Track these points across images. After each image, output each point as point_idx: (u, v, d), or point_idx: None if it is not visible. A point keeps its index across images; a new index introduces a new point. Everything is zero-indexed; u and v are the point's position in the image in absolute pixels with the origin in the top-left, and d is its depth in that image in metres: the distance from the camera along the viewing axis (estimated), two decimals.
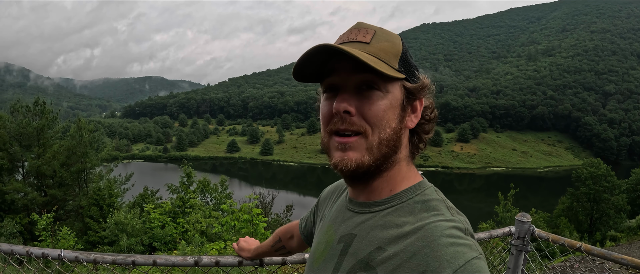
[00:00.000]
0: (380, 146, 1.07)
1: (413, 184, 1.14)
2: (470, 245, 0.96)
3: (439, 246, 0.93)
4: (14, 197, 29.97)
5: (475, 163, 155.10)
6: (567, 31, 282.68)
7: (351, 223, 1.16)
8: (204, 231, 19.52)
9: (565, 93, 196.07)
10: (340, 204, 1.28)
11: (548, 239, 2.51)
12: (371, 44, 1.07)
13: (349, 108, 1.05)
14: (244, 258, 2.17)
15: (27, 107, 32.05)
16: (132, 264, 2.20)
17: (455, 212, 1.07)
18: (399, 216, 1.07)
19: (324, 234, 1.26)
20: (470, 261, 0.91)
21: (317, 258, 1.23)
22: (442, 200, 1.10)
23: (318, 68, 1.09)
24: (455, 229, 0.98)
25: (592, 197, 42.03)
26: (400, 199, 1.10)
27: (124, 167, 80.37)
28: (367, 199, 1.16)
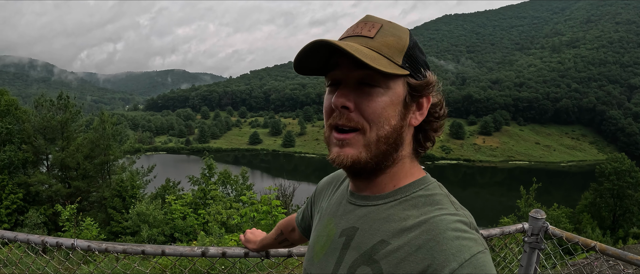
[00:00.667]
0: (379, 143, 1.06)
1: (416, 179, 1.12)
2: (476, 239, 0.95)
3: (444, 240, 0.93)
4: (38, 189, 30.52)
5: (498, 156, 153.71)
6: (591, 22, 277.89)
7: (353, 216, 1.14)
8: (225, 222, 19.67)
9: (589, 86, 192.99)
10: (340, 197, 1.26)
11: (562, 237, 2.48)
12: (375, 38, 1.05)
13: (347, 103, 1.05)
14: (250, 249, 2.19)
15: (51, 101, 32.53)
16: (142, 254, 2.23)
17: (459, 206, 1.07)
18: (403, 209, 1.06)
19: (323, 227, 1.25)
20: (476, 255, 0.91)
21: (317, 252, 1.22)
22: (445, 195, 1.09)
23: (323, 61, 1.09)
24: (460, 223, 0.98)
25: (616, 193, 41.40)
26: (403, 193, 1.09)
27: (147, 159, 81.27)
28: (370, 193, 1.14)
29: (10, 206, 28.98)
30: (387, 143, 1.07)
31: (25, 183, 30.33)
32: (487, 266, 0.91)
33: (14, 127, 31.75)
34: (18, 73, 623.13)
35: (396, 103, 1.06)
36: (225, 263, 6.76)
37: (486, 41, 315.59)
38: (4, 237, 2.43)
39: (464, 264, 0.89)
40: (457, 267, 0.88)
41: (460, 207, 1.07)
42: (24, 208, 29.60)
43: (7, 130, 30.92)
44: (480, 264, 0.90)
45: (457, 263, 0.89)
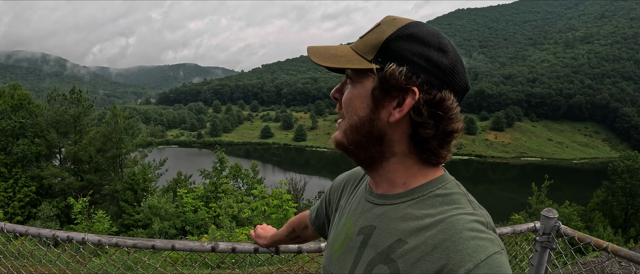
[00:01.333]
0: (351, 131, 1.11)
1: (433, 178, 1.11)
2: (492, 240, 0.94)
3: (460, 240, 0.92)
4: (51, 182, 30.80)
5: (510, 152, 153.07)
6: (605, 18, 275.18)
7: (371, 214, 1.15)
8: (236, 215, 19.75)
9: (603, 83, 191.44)
10: (360, 195, 1.26)
11: (574, 237, 2.45)
12: (363, 37, 1.10)
13: (335, 94, 1.17)
14: (260, 245, 2.18)
15: (63, 95, 32.77)
16: (152, 249, 2.24)
17: (476, 206, 1.06)
18: (420, 208, 1.05)
19: (342, 225, 1.25)
20: (492, 255, 0.90)
21: (335, 250, 1.22)
22: (463, 194, 1.08)
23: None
24: (477, 223, 0.97)
25: (628, 191, 41.05)
26: (421, 192, 1.08)
27: (159, 152, 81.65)
28: (384, 191, 1.15)
29: (24, 199, 29.31)
30: (359, 133, 1.10)
31: (38, 176, 30.63)
32: (504, 267, 0.91)
33: (27, 120, 32.04)
34: (31, 68, 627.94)
35: (364, 96, 1.07)
36: (235, 258, 6.79)
37: (499, 36, 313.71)
38: (15, 231, 2.45)
39: (479, 264, 0.88)
40: (472, 267, 0.88)
41: (478, 206, 1.06)
42: (36, 200, 29.91)
43: (21, 124, 31.20)
44: (496, 265, 0.89)
45: (473, 264, 0.88)
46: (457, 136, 1.10)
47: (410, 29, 1.05)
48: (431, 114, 1.04)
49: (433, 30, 1.07)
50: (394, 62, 1.03)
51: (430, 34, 1.05)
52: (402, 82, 1.02)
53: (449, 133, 1.07)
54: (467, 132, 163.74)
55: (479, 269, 0.88)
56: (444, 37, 1.07)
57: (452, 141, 1.09)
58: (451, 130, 1.07)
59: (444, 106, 1.04)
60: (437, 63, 1.03)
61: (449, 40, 1.08)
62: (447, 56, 1.04)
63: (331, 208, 1.49)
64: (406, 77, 1.02)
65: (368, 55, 1.07)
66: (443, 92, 1.04)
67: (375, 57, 1.06)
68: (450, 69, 1.04)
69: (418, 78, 1.02)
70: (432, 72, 1.03)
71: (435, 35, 1.06)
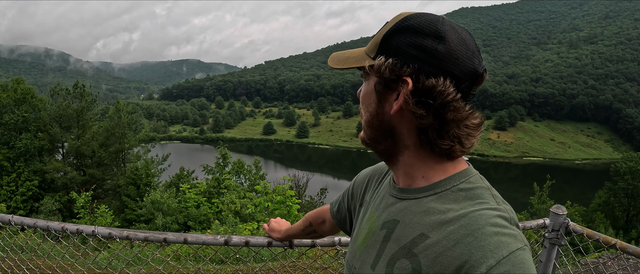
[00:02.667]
0: (368, 126, 1.15)
1: (457, 172, 1.10)
2: (515, 235, 0.93)
3: (482, 235, 0.91)
4: (54, 176, 30.87)
5: (512, 152, 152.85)
6: (610, 18, 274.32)
7: (394, 209, 1.15)
8: (238, 211, 19.78)
9: (606, 83, 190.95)
10: (384, 189, 1.27)
11: (583, 234, 2.46)
12: (374, 36, 1.13)
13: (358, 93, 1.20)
14: (274, 238, 2.19)
15: (67, 90, 32.83)
16: (164, 242, 2.24)
17: (500, 200, 1.05)
18: (443, 203, 1.05)
19: (366, 220, 1.26)
20: (515, 252, 0.89)
21: (359, 245, 1.23)
22: (487, 188, 1.08)
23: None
24: (500, 219, 0.96)
25: (630, 193, 41.07)
26: (444, 186, 1.08)
27: (161, 148, 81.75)
28: (406, 185, 1.15)
29: (26, 193, 29.40)
30: (371, 128, 1.14)
31: (41, 171, 30.70)
32: (526, 264, 0.90)
33: (30, 115, 32.10)
34: (34, 62, 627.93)
35: (370, 92, 1.12)
36: (241, 252, 6.80)
37: (502, 35, 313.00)
38: (23, 224, 2.46)
39: (501, 261, 0.87)
40: (494, 264, 0.87)
41: (502, 201, 1.05)
42: (39, 195, 30.00)
43: (24, 118, 31.28)
44: (518, 261, 0.88)
45: (495, 260, 0.87)
46: (465, 125, 1.06)
47: (408, 21, 1.05)
48: (420, 102, 1.02)
49: (433, 18, 1.05)
50: (389, 56, 1.04)
51: (428, 22, 1.03)
52: (389, 73, 1.03)
53: (447, 122, 1.03)
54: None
55: (501, 266, 0.87)
56: (444, 24, 1.03)
57: (455, 130, 1.05)
58: (450, 118, 1.03)
59: (433, 93, 1.01)
60: (431, 51, 1.00)
61: (456, 26, 1.05)
62: (444, 42, 1.01)
63: (354, 203, 1.49)
64: (393, 68, 1.03)
65: (371, 53, 1.10)
66: (433, 78, 1.00)
67: (377, 53, 1.08)
68: (446, 55, 1.00)
69: (408, 68, 1.01)
70: (425, 60, 1.01)
71: (433, 22, 1.03)
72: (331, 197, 29.24)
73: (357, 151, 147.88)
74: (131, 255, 4.83)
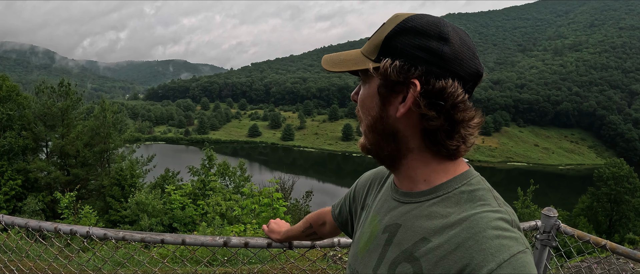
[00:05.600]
0: (368, 131, 1.13)
1: (458, 174, 1.10)
2: (517, 239, 0.93)
3: (484, 239, 0.91)
4: (37, 176, 30.54)
5: (496, 157, 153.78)
6: (595, 26, 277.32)
7: (396, 212, 1.14)
8: (224, 213, 19.70)
9: (590, 90, 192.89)
10: (386, 193, 1.26)
11: (573, 236, 2.50)
12: (370, 39, 1.12)
13: (353, 97, 1.19)
14: (274, 240, 2.18)
15: (52, 87, 32.50)
16: (161, 243, 2.22)
17: (502, 203, 1.05)
18: (445, 206, 1.04)
19: (368, 224, 1.25)
20: (516, 255, 0.88)
21: (361, 249, 1.22)
22: (488, 190, 1.07)
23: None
24: (502, 221, 0.95)
25: (613, 198, 41.55)
26: (446, 189, 1.07)
27: (146, 149, 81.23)
28: (408, 189, 1.14)
29: (9, 193, 29.02)
30: (375, 132, 1.12)
31: (24, 170, 30.35)
32: (528, 267, 0.89)
33: (15, 113, 31.73)
34: (19, 59, 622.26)
35: (372, 95, 1.09)
36: (227, 253, 6.78)
37: (488, 41, 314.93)
38: (14, 223, 2.43)
39: (503, 264, 0.86)
40: (495, 267, 0.86)
41: (503, 203, 1.05)
42: (22, 194, 29.64)
43: (8, 116, 30.93)
44: (520, 264, 0.88)
45: (496, 263, 0.87)
46: (469, 125, 1.08)
47: (410, 22, 1.05)
48: (431, 104, 1.02)
49: (434, 19, 1.05)
50: (394, 58, 1.03)
51: (430, 24, 1.04)
52: (396, 75, 1.02)
53: (457, 123, 1.05)
54: None
55: (502, 269, 0.86)
56: (446, 26, 1.04)
57: (461, 131, 1.07)
58: (459, 119, 1.05)
59: (444, 94, 1.01)
60: (438, 53, 1.01)
61: (455, 27, 1.06)
62: (448, 44, 1.02)
63: (355, 206, 1.48)
64: (401, 70, 1.02)
65: (371, 55, 1.08)
66: (443, 80, 1.01)
67: (378, 55, 1.07)
68: (452, 57, 1.02)
69: (416, 70, 1.01)
70: (432, 61, 1.01)
71: (435, 24, 1.04)
72: (316, 200, 29.28)
73: (342, 155, 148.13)
74: (121, 255, 4.81)
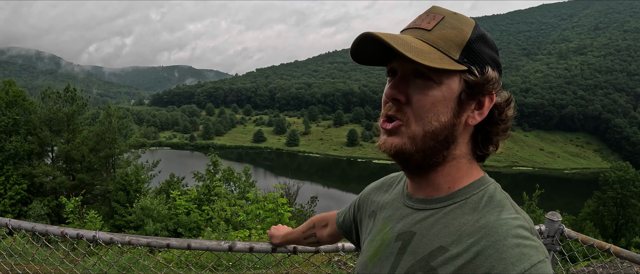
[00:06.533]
0: (425, 138, 1.03)
1: (475, 180, 1.08)
2: (537, 247, 0.90)
3: (504, 247, 0.88)
4: (42, 180, 30.59)
5: (501, 161, 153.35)
6: (599, 29, 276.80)
7: (410, 220, 1.11)
8: (229, 219, 19.72)
9: (595, 94, 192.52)
10: (396, 200, 1.23)
11: (577, 240, 2.50)
12: (433, 30, 1.02)
13: (399, 96, 1.03)
14: (273, 244, 2.18)
15: (57, 93, 32.61)
16: (167, 247, 2.23)
17: (519, 209, 1.02)
18: (463, 213, 1.01)
19: (378, 231, 1.21)
20: (536, 265, 0.86)
21: (371, 257, 1.17)
22: (506, 196, 1.05)
23: (382, 53, 1.07)
24: (522, 229, 0.93)
25: (619, 202, 41.36)
26: (463, 195, 1.05)
27: (151, 154, 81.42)
28: (426, 195, 1.11)
29: (15, 197, 29.08)
30: (435, 140, 1.03)
31: (29, 174, 30.43)
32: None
33: (21, 117, 31.83)
34: (25, 64, 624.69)
35: (449, 100, 1.01)
36: (232, 258, 6.78)
37: None
38: (21, 228, 2.44)
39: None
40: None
41: (520, 210, 1.02)
42: (27, 199, 29.71)
43: (14, 120, 31.00)
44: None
45: (517, 273, 0.84)
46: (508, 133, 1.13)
47: (480, 29, 1.04)
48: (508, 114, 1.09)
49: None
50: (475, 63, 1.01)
51: (490, 37, 1.05)
52: (495, 86, 1.03)
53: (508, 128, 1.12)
54: None
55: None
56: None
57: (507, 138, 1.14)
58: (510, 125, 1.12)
59: (511, 105, 1.10)
60: (499, 65, 1.06)
61: None
62: (499, 57, 1.07)
63: (361, 214, 1.45)
64: (497, 81, 1.03)
65: (454, 54, 1.00)
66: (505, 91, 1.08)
67: (461, 56, 1.00)
68: (501, 69, 1.07)
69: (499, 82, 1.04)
70: (499, 73, 1.05)
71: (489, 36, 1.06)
72: (321, 205, 29.24)
73: (347, 160, 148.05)
74: (126, 260, 4.82)
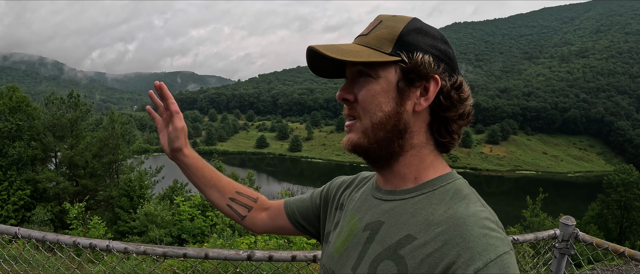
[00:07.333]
0: (374, 129, 1.08)
1: (443, 173, 1.10)
2: (502, 239, 0.93)
3: (471, 237, 0.90)
4: (46, 186, 30.66)
5: (505, 165, 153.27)
6: (601, 32, 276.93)
7: (378, 210, 1.12)
8: (233, 225, 19.67)
9: (598, 97, 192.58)
10: (365, 192, 1.24)
11: (592, 243, 2.49)
12: (369, 34, 1.09)
13: (346, 96, 1.11)
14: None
15: (61, 99, 32.70)
16: (183, 257, 2.18)
17: (484, 203, 1.05)
18: (430, 203, 1.03)
19: (346, 223, 1.22)
20: (502, 255, 0.88)
21: (338, 248, 1.19)
22: (473, 191, 1.08)
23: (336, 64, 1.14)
24: (488, 221, 0.95)
25: (623, 205, 41.23)
26: (430, 187, 1.07)
27: (154, 160, 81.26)
28: (394, 186, 1.13)
29: (18, 203, 29.15)
30: (384, 129, 1.08)
31: (33, 180, 30.49)
32: (512, 268, 0.89)
33: (24, 123, 31.89)
34: (28, 70, 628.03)
35: (388, 90, 1.06)
36: (229, 266, 6.75)
37: (495, 49, 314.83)
38: (31, 237, 2.41)
39: (489, 264, 0.86)
40: (482, 266, 0.86)
41: (486, 204, 1.05)
42: (31, 204, 29.76)
43: (18, 126, 31.07)
44: (505, 265, 0.88)
45: (483, 263, 0.86)
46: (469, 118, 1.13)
47: (417, 23, 1.09)
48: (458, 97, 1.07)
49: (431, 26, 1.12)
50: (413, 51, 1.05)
51: (432, 28, 1.10)
52: (429, 69, 1.04)
53: (467, 114, 1.11)
54: (462, 144, 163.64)
55: (489, 268, 0.86)
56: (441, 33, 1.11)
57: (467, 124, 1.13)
58: (468, 112, 1.11)
59: (462, 88, 1.09)
60: (446, 53, 1.08)
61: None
62: (449, 47, 1.10)
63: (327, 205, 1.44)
64: (430, 64, 1.04)
65: (385, 49, 1.06)
66: (456, 76, 1.08)
67: (394, 49, 1.05)
68: (452, 57, 1.09)
69: (439, 67, 1.05)
70: (444, 60, 1.07)
71: (436, 29, 1.10)
72: None
73: (350, 165, 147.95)
74: (131, 265, 4.81)
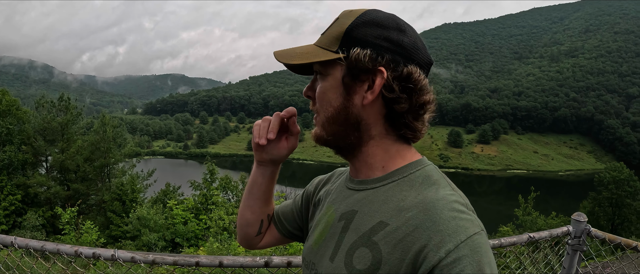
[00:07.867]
0: (329, 122, 1.14)
1: (412, 161, 1.13)
2: (472, 220, 0.95)
3: (441, 220, 0.93)
4: (37, 190, 30.36)
5: (496, 165, 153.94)
6: (590, 32, 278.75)
7: (352, 200, 1.16)
8: (226, 227, 19.57)
9: (588, 95, 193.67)
10: (340, 185, 1.29)
11: (605, 239, 2.47)
12: (325, 33, 1.14)
13: (307, 93, 1.23)
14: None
15: (52, 102, 32.43)
16: (196, 266, 2.10)
17: (455, 187, 1.07)
18: (401, 190, 1.06)
19: (323, 215, 1.26)
20: (472, 236, 0.91)
21: (316, 240, 1.22)
22: (443, 176, 1.10)
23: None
24: (457, 204, 0.98)
25: (614, 202, 41.48)
26: (400, 174, 1.10)
27: (145, 163, 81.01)
28: (365, 176, 1.16)
29: (9, 208, 28.84)
30: (337, 123, 1.13)
31: (24, 185, 30.20)
32: (483, 248, 0.91)
33: (14, 127, 31.61)
34: (18, 73, 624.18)
35: (335, 86, 1.10)
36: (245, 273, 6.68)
37: (485, 50, 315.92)
38: (29, 247, 2.32)
39: (460, 245, 0.89)
40: (453, 248, 0.89)
41: (456, 188, 1.07)
42: (22, 209, 29.46)
43: (8, 130, 30.80)
44: (476, 245, 0.90)
45: (453, 244, 0.89)
46: (430, 107, 1.12)
47: (368, 15, 1.09)
48: (402, 88, 1.06)
49: (389, 13, 1.11)
50: (357, 46, 1.06)
51: (387, 18, 1.09)
52: (368, 63, 1.05)
53: (422, 105, 1.09)
54: (453, 144, 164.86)
55: (460, 250, 0.89)
56: (400, 19, 1.10)
57: (426, 113, 1.12)
58: (423, 102, 1.09)
59: (412, 79, 1.06)
60: (399, 42, 1.06)
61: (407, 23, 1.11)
62: (406, 35, 1.08)
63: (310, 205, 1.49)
64: (371, 58, 1.05)
65: (332, 47, 1.09)
66: (409, 66, 1.06)
67: (340, 47, 1.08)
68: (411, 46, 1.07)
69: (383, 58, 1.05)
70: (395, 50, 1.06)
71: (392, 18, 1.09)
72: None
73: (342, 166, 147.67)
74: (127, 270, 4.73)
